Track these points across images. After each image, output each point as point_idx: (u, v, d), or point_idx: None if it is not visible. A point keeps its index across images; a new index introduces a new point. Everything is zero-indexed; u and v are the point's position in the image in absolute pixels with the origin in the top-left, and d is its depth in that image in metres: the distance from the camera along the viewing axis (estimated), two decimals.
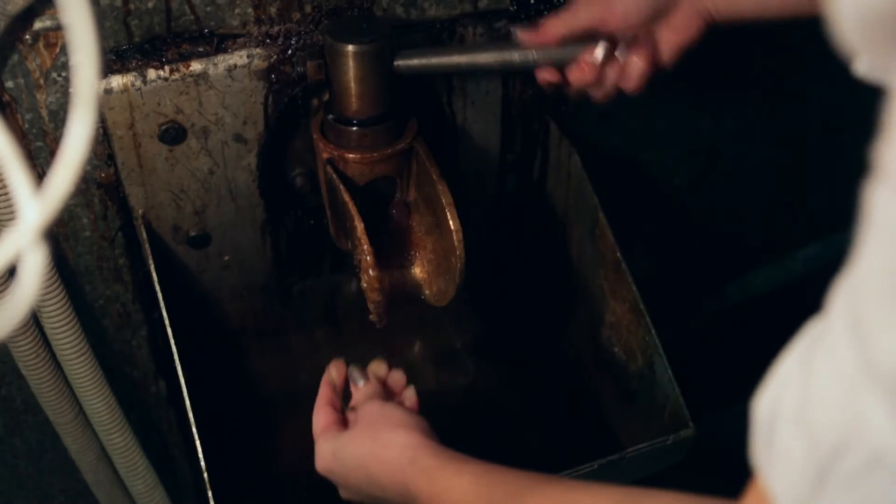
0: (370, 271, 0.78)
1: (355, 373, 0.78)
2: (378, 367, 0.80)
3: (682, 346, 1.09)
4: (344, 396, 0.79)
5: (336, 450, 0.71)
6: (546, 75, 0.80)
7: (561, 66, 0.79)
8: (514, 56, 0.78)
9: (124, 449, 0.98)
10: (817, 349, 0.34)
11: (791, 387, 0.35)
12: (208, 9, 0.75)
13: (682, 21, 0.77)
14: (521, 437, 1.12)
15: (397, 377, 0.80)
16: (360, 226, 0.77)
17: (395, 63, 0.76)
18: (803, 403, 0.34)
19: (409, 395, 0.78)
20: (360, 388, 0.77)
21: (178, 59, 0.76)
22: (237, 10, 0.76)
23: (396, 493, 0.66)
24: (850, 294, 0.33)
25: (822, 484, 0.33)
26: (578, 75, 0.78)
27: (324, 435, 0.74)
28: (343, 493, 0.74)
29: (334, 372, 0.79)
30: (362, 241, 0.77)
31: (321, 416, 0.76)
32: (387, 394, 0.79)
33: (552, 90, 0.82)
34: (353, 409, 0.76)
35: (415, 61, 0.77)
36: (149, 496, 1.04)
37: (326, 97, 0.80)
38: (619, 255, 0.94)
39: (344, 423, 0.75)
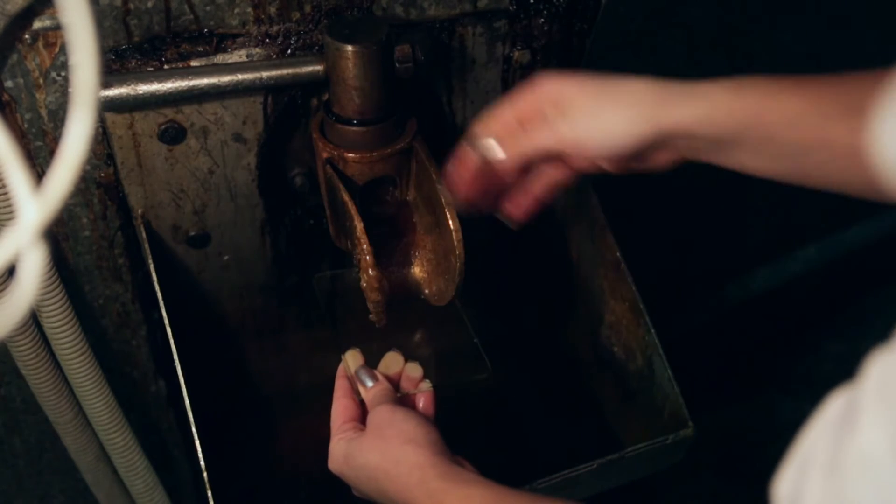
0: (369, 271, 0.78)
1: (363, 374, 0.78)
2: (393, 361, 0.80)
3: (681, 345, 1.09)
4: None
5: (347, 456, 0.71)
6: None
7: None
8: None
9: (124, 449, 0.98)
10: (846, 433, 0.32)
11: (815, 475, 0.33)
12: (208, 8, 0.75)
13: (655, 161, 0.69)
14: (521, 436, 1.12)
15: (413, 371, 0.80)
16: (359, 225, 0.77)
17: None
18: (830, 495, 0.32)
19: (425, 390, 0.78)
20: (370, 390, 0.77)
21: (177, 58, 0.76)
22: (237, 10, 0.76)
23: None
24: (889, 371, 0.31)
25: None
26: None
27: (339, 434, 0.73)
28: (355, 493, 0.74)
29: (350, 361, 0.79)
30: (362, 241, 0.77)
31: (339, 409, 0.76)
32: (401, 387, 0.79)
33: None
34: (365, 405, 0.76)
35: None
36: (148, 496, 1.04)
37: (326, 97, 0.80)
38: (618, 254, 0.94)
39: (363, 418, 0.75)
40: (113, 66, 0.75)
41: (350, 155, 0.79)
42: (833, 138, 0.58)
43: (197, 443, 0.79)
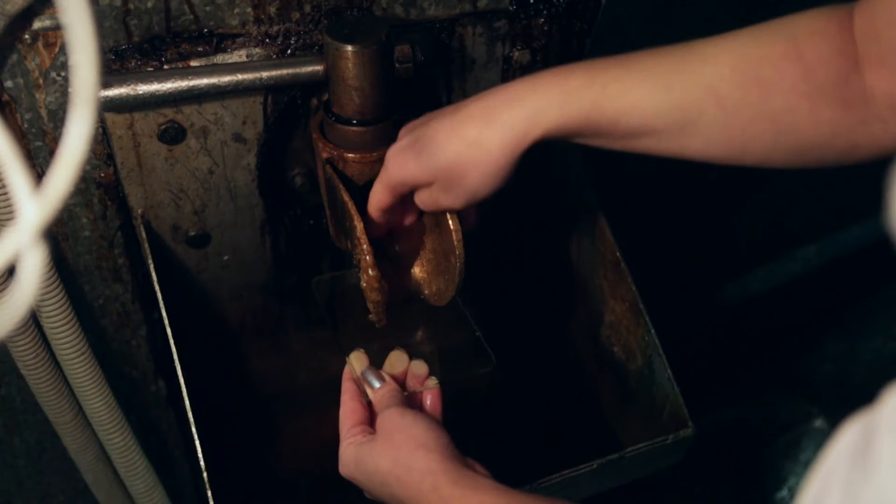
0: (369, 271, 0.78)
1: (370, 375, 0.78)
2: (398, 359, 0.80)
3: (681, 345, 1.09)
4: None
5: (358, 460, 0.71)
6: None
7: None
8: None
9: (124, 449, 0.98)
10: (861, 469, 0.32)
11: (833, 496, 0.33)
12: (207, 8, 0.75)
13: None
14: (521, 436, 1.12)
15: (418, 369, 0.79)
16: (359, 225, 0.77)
17: None
18: None
19: (431, 387, 0.78)
20: (377, 391, 0.77)
21: (177, 58, 0.76)
22: (236, 10, 0.76)
23: None
24: None
25: None
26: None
27: (348, 438, 0.73)
28: (367, 496, 0.74)
29: (356, 363, 0.79)
30: (361, 241, 0.77)
31: (347, 413, 0.76)
32: (407, 385, 0.79)
33: None
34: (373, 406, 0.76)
35: None
36: (148, 496, 1.04)
37: (326, 97, 0.80)
38: (618, 254, 0.94)
39: (371, 421, 0.75)
40: (113, 66, 0.75)
41: (350, 155, 0.79)
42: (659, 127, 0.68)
43: (197, 443, 0.79)
